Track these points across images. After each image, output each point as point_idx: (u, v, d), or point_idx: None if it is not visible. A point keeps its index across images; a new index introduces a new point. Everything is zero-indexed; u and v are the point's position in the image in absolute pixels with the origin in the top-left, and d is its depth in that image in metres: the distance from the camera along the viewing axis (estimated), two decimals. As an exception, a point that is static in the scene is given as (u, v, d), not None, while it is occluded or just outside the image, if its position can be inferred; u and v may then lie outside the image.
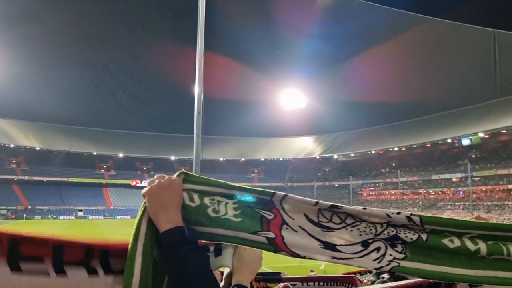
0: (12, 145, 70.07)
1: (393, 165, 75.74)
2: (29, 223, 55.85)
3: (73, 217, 68.08)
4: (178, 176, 1.12)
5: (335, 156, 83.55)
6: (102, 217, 69.15)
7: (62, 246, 0.95)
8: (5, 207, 66.03)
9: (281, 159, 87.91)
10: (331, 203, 1.12)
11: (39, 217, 66.58)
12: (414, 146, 69.39)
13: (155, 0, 66.00)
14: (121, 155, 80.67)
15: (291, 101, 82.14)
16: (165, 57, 71.83)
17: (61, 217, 67.05)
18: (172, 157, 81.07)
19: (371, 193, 76.64)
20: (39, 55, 65.10)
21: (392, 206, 66.92)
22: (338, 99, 75.15)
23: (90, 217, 68.51)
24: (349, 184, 75.37)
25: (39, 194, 71.07)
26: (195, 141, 7.12)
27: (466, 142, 62.75)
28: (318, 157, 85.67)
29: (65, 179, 75.63)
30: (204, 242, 1.12)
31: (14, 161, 75.04)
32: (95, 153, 78.87)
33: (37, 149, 73.23)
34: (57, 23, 62.45)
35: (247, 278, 1.21)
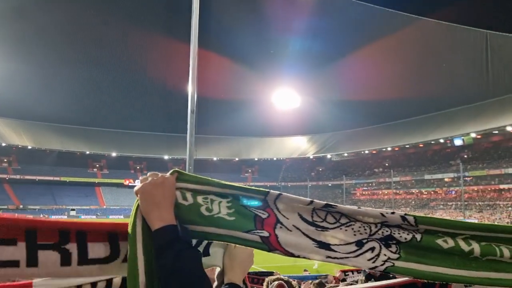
0: (3, 144, 69.11)
1: (386, 165, 76.20)
2: (21, 222, 55.36)
3: (65, 217, 67.39)
4: (171, 174, 1.12)
5: (329, 156, 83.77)
6: (94, 217, 68.64)
7: (35, 227, 0.92)
8: (-4, 207, 65.40)
9: (274, 159, 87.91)
10: (325, 202, 1.13)
11: (31, 216, 65.82)
12: (407, 146, 69.83)
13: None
14: (114, 154, 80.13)
15: (285, 101, 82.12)
16: (158, 56, 71.45)
17: (53, 217, 66.14)
18: (165, 157, 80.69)
19: (364, 193, 77.00)
20: (31, 53, 64.35)
21: (385, 205, 67.33)
22: (331, 99, 75.30)
23: (82, 217, 67.95)
24: (342, 183, 75.72)
25: (30, 193, 70.28)
26: (188, 140, 7.10)
27: (458, 142, 63.26)
28: (311, 157, 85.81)
29: (57, 178, 74.93)
30: None
31: (5, 160, 74.13)
32: (88, 152, 78.24)
33: (29, 148, 72.33)
34: (48, 21, 61.78)
35: (239, 276, 1.21)
